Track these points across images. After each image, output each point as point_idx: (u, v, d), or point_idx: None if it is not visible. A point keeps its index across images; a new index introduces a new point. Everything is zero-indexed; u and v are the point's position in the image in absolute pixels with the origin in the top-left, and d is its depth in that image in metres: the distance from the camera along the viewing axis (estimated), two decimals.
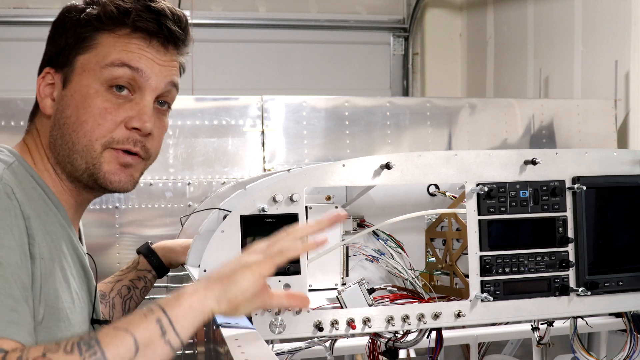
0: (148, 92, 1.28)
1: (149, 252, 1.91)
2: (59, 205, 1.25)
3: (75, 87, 1.25)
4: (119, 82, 1.25)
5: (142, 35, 1.27)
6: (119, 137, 1.26)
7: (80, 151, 1.25)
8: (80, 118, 1.24)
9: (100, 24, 1.26)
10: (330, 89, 5.82)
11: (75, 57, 1.26)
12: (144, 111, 1.26)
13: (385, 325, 1.68)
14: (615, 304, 1.84)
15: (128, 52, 1.26)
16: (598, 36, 4.46)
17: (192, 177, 3.56)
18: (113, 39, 1.26)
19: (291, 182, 1.64)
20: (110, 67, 1.24)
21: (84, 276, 1.30)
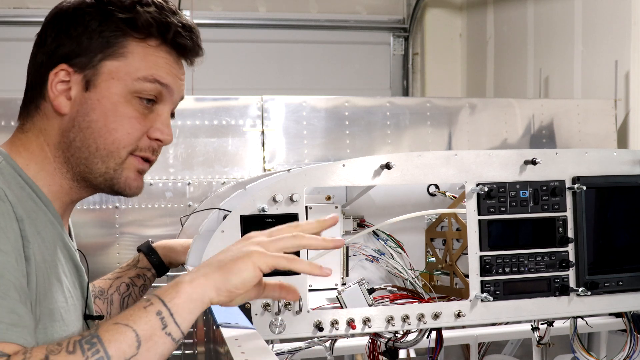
0: (168, 105, 1.31)
1: (149, 250, 1.91)
2: (48, 203, 1.25)
3: (102, 93, 1.24)
4: (148, 96, 1.27)
5: (171, 50, 1.28)
6: (142, 146, 1.29)
7: (104, 156, 1.26)
8: (109, 125, 1.24)
9: (131, 30, 1.24)
10: (330, 89, 5.82)
11: (102, 61, 1.24)
12: (167, 123, 1.30)
13: (385, 325, 1.68)
14: (615, 304, 1.84)
15: (158, 68, 1.26)
16: (598, 36, 4.46)
17: (192, 177, 3.57)
18: (143, 49, 1.25)
19: (291, 182, 1.64)
20: (142, 82, 1.25)
21: (75, 273, 1.30)
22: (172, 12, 1.28)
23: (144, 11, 1.24)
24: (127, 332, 1.01)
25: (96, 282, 1.83)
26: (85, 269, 1.36)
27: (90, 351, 0.98)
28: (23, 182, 1.22)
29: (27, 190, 1.21)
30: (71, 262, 1.29)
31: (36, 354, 0.98)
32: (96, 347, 0.99)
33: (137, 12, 1.24)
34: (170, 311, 1.04)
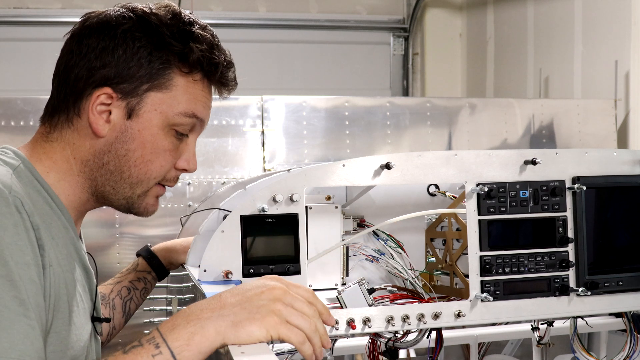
0: (197, 134, 1.35)
1: (148, 254, 1.92)
2: (63, 208, 1.25)
3: (144, 124, 1.25)
4: (184, 130, 1.30)
5: (210, 83, 1.32)
6: (170, 177, 1.33)
7: (133, 183, 1.28)
8: (145, 157, 1.26)
9: (180, 64, 1.25)
10: (330, 89, 5.82)
11: (147, 92, 1.24)
12: (194, 153, 1.35)
13: (385, 325, 1.68)
14: (615, 304, 1.84)
15: (197, 102, 1.28)
16: (598, 36, 4.46)
17: (192, 177, 3.57)
18: (187, 83, 1.27)
19: (291, 182, 1.64)
20: (182, 116, 1.27)
21: (85, 275, 1.31)
22: (219, 50, 1.32)
23: (196, 48, 1.26)
24: None
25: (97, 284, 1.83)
26: (94, 272, 1.36)
27: None
28: (40, 186, 1.21)
29: (43, 195, 1.21)
30: (81, 265, 1.29)
31: None
32: None
33: (190, 48, 1.25)
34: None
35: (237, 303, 1.09)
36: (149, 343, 1.05)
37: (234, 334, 1.06)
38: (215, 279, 1.59)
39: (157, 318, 3.16)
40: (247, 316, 1.07)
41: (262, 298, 1.10)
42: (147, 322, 3.17)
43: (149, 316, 3.21)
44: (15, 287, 1.02)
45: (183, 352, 1.04)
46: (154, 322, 3.14)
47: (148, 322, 3.17)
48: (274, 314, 1.08)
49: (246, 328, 1.07)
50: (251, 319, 1.07)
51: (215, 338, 1.06)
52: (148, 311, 3.19)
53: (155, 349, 1.04)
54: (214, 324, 1.06)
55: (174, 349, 1.04)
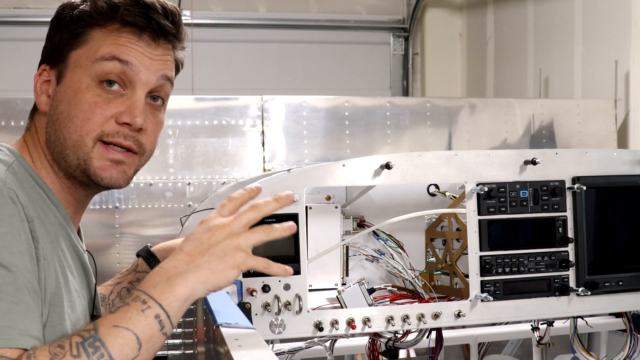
0: (139, 86, 1.27)
1: (148, 254, 1.91)
2: (58, 203, 1.25)
3: (67, 83, 1.25)
4: (109, 77, 1.25)
5: (132, 29, 1.27)
6: (108, 131, 1.25)
7: (72, 146, 1.25)
8: (70, 113, 1.24)
9: (91, 19, 1.26)
10: (330, 89, 5.82)
11: (69, 53, 1.26)
12: (135, 106, 1.26)
13: (385, 325, 1.68)
14: (615, 304, 1.84)
15: (118, 46, 1.25)
16: (598, 36, 4.46)
17: (192, 177, 3.57)
18: (104, 34, 1.26)
19: (291, 182, 1.64)
20: (101, 62, 1.24)
21: (83, 273, 1.30)
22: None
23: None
24: (128, 335, 1.05)
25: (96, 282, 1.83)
26: (94, 271, 1.36)
27: (95, 355, 1.02)
28: (34, 182, 1.22)
29: (38, 191, 1.22)
30: (79, 262, 1.29)
31: (40, 357, 1.00)
32: (100, 351, 1.02)
33: (93, 0, 1.26)
34: (168, 314, 1.08)
35: (204, 251, 1.14)
36: (134, 301, 1.08)
37: (215, 280, 1.12)
38: None
39: None
40: (219, 261, 1.13)
41: (219, 240, 1.15)
42: None
43: None
44: (11, 274, 1.03)
45: (171, 304, 1.08)
46: None
47: None
48: (238, 250, 1.14)
49: (223, 273, 1.13)
50: (224, 263, 1.13)
51: (199, 287, 1.11)
52: None
53: (142, 304, 1.08)
54: (194, 275, 1.12)
55: (162, 301, 1.08)
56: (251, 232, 1.17)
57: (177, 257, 1.15)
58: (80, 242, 1.34)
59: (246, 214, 1.18)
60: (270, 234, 1.18)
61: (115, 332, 1.04)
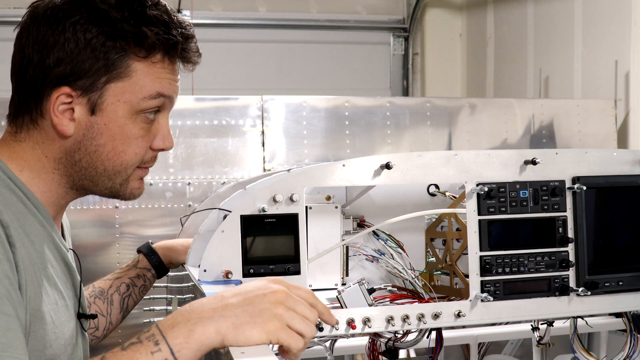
0: (168, 111, 1.31)
1: (149, 251, 1.92)
2: (39, 205, 1.23)
3: (110, 117, 1.22)
4: (153, 110, 1.27)
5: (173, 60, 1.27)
6: (147, 159, 1.31)
7: (112, 175, 1.27)
8: (117, 148, 1.24)
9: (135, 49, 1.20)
10: (330, 89, 5.82)
11: (107, 84, 1.20)
12: (168, 130, 1.31)
13: (385, 325, 1.68)
14: (615, 304, 1.84)
15: (162, 81, 1.25)
16: (598, 36, 4.46)
17: (192, 177, 3.57)
18: (147, 67, 1.23)
19: (291, 182, 1.64)
20: (148, 100, 1.24)
21: (67, 272, 1.30)
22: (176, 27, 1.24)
23: (151, 31, 1.20)
24: None
25: (96, 282, 1.83)
26: (78, 268, 1.35)
27: None
28: (13, 184, 1.20)
29: (17, 193, 1.20)
30: (62, 262, 1.28)
31: None
32: None
33: (144, 32, 1.19)
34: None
35: (239, 304, 1.08)
36: (148, 340, 1.04)
37: (233, 336, 1.05)
38: (215, 279, 1.59)
39: (157, 318, 3.16)
40: (249, 319, 1.06)
41: (265, 301, 1.08)
42: (146, 322, 3.17)
43: (149, 316, 3.21)
44: None
45: (182, 350, 1.03)
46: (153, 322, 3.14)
47: (148, 322, 3.17)
48: (275, 319, 1.07)
49: (246, 332, 1.06)
50: (252, 322, 1.06)
51: (214, 338, 1.05)
52: (148, 311, 3.19)
53: (154, 346, 1.03)
54: (215, 324, 1.05)
55: (173, 347, 1.03)
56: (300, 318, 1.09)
57: (213, 299, 1.10)
58: (64, 241, 1.33)
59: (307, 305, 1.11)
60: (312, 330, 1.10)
61: None
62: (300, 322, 1.09)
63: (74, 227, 1.44)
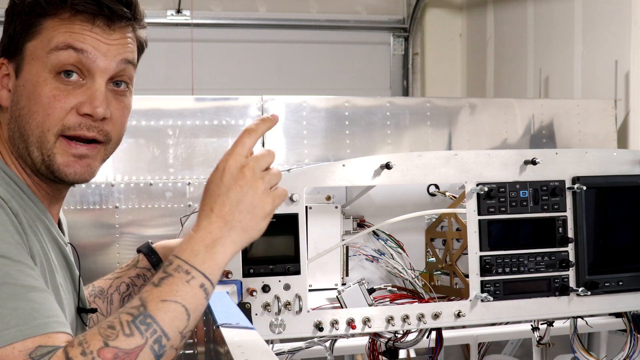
0: (98, 74, 1.23)
1: (149, 251, 1.91)
2: (34, 198, 1.23)
3: (26, 77, 1.22)
4: (66, 67, 1.21)
5: (85, 16, 1.22)
6: (70, 124, 1.21)
7: (35, 143, 1.22)
8: (31, 109, 1.20)
9: (42, 9, 1.22)
10: (330, 89, 5.82)
11: (24, 44, 1.22)
12: (95, 96, 1.22)
13: (385, 325, 1.68)
14: (615, 304, 1.84)
15: (72, 34, 1.21)
16: (598, 36, 4.46)
17: (192, 177, 3.56)
18: (56, 23, 1.22)
19: (291, 182, 1.64)
20: (56, 52, 1.20)
21: (66, 266, 1.29)
22: None
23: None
24: (177, 308, 1.05)
25: (96, 282, 1.83)
26: (76, 262, 1.35)
27: (148, 332, 1.01)
28: (8, 178, 1.20)
29: (13, 187, 1.20)
30: (61, 256, 1.28)
31: (93, 342, 0.99)
32: (152, 327, 1.02)
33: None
34: (212, 282, 1.09)
35: (232, 210, 1.13)
36: (177, 272, 1.08)
37: (248, 237, 1.13)
38: None
39: None
40: (249, 216, 1.13)
41: (244, 190, 1.13)
42: None
43: None
44: (16, 263, 1.03)
45: (213, 272, 1.09)
46: None
47: None
48: (263, 196, 1.14)
49: (255, 226, 1.13)
50: (254, 215, 1.13)
51: (234, 248, 1.12)
52: None
53: (187, 275, 1.08)
54: (229, 239, 1.11)
55: (204, 270, 1.08)
56: (268, 173, 1.16)
57: (209, 219, 1.13)
58: (62, 234, 1.32)
59: (263, 156, 1.17)
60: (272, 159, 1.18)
61: (165, 306, 1.04)
62: (273, 177, 1.17)
63: (74, 228, 1.44)
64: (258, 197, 1.13)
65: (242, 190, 1.13)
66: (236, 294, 1.60)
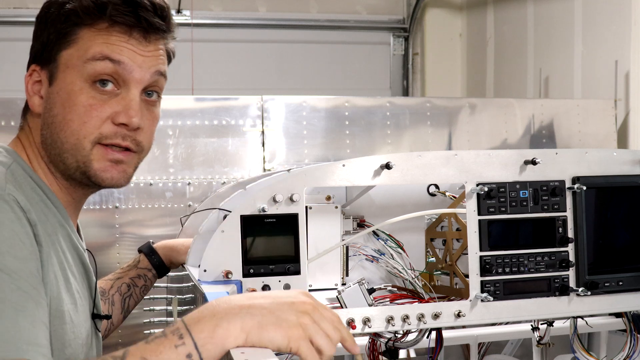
0: (133, 85, 1.26)
1: (150, 251, 1.92)
2: (57, 204, 1.24)
3: (60, 85, 1.24)
4: (102, 77, 1.23)
5: (122, 28, 1.25)
6: (106, 133, 1.24)
7: (70, 149, 1.24)
8: (66, 117, 1.22)
9: (79, 18, 1.24)
10: (330, 89, 5.82)
11: (58, 53, 1.24)
12: (130, 106, 1.25)
13: (385, 325, 1.68)
14: (615, 304, 1.84)
15: (109, 45, 1.23)
16: (598, 36, 4.46)
17: (192, 177, 3.56)
18: (93, 33, 1.24)
19: (291, 182, 1.64)
20: (92, 62, 1.22)
21: (84, 273, 1.30)
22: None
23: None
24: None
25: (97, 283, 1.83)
26: (93, 269, 1.36)
27: None
28: (34, 183, 1.21)
29: (38, 192, 1.20)
30: (80, 262, 1.29)
31: None
32: None
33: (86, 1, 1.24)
34: (201, 356, 1.01)
35: (267, 306, 1.06)
36: (172, 334, 1.03)
37: (257, 336, 1.04)
38: (215, 279, 1.59)
39: (157, 318, 3.16)
40: (274, 321, 1.05)
41: (293, 308, 1.07)
42: (147, 322, 3.17)
43: (149, 316, 3.21)
44: (15, 279, 1.01)
45: (206, 345, 1.02)
46: (153, 322, 3.14)
47: (148, 322, 3.17)
48: (300, 327, 1.05)
49: (270, 333, 1.04)
50: (278, 325, 1.04)
51: (239, 335, 1.03)
52: (148, 311, 3.19)
53: (178, 340, 1.02)
54: (241, 321, 1.04)
55: (198, 341, 1.02)
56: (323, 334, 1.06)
57: (242, 297, 1.08)
58: (80, 240, 1.33)
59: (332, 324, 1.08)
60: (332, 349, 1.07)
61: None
62: (323, 337, 1.07)
63: None
64: (295, 320, 1.05)
65: (289, 305, 1.07)
66: (236, 294, 1.60)
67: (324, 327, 1.07)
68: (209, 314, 1.04)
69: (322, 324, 1.08)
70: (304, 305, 1.08)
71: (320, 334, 1.06)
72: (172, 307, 2.89)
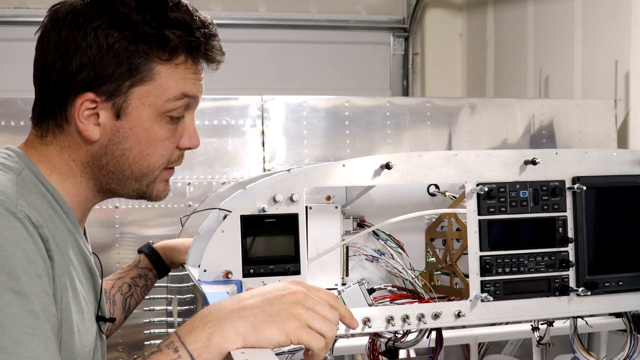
0: (193, 110, 1.31)
1: (150, 251, 1.92)
2: (68, 211, 1.23)
3: (135, 121, 1.22)
4: (178, 114, 1.26)
5: (193, 59, 1.26)
6: (174, 159, 1.31)
7: (139, 177, 1.27)
8: (143, 152, 1.24)
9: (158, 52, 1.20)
10: (330, 89, 5.82)
11: (131, 88, 1.19)
12: (195, 131, 1.31)
13: (385, 325, 1.68)
14: (615, 304, 1.84)
15: (186, 82, 1.24)
16: (598, 36, 4.46)
17: (192, 177, 3.56)
18: (170, 69, 1.22)
19: (291, 182, 1.64)
20: (173, 101, 1.23)
21: (90, 277, 1.30)
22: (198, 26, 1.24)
23: (173, 34, 1.19)
24: None
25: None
26: (99, 272, 1.36)
27: None
28: (44, 189, 1.20)
29: (48, 198, 1.19)
30: (86, 266, 1.28)
31: None
32: None
33: (166, 36, 1.18)
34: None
35: (257, 305, 1.06)
36: (167, 348, 1.03)
37: (253, 337, 1.04)
38: (215, 279, 1.60)
39: (157, 318, 3.16)
40: (267, 319, 1.05)
41: (283, 301, 1.07)
42: (147, 322, 3.17)
43: (149, 316, 3.21)
44: (29, 301, 1.00)
45: (202, 355, 1.01)
46: (153, 322, 3.14)
47: (148, 322, 3.16)
48: (294, 318, 1.05)
49: (266, 331, 1.04)
50: (271, 322, 1.04)
51: (234, 339, 1.03)
52: (148, 311, 3.19)
53: (174, 353, 1.02)
54: (233, 325, 1.04)
55: (193, 352, 1.01)
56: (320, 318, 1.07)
57: (230, 300, 1.08)
58: (87, 244, 1.33)
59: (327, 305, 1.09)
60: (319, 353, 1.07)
61: None
62: (320, 321, 1.07)
63: None
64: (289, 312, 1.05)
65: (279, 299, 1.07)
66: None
67: (319, 310, 1.08)
68: (200, 324, 1.04)
69: (317, 308, 1.08)
70: (295, 295, 1.08)
71: (317, 318, 1.07)
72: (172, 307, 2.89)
